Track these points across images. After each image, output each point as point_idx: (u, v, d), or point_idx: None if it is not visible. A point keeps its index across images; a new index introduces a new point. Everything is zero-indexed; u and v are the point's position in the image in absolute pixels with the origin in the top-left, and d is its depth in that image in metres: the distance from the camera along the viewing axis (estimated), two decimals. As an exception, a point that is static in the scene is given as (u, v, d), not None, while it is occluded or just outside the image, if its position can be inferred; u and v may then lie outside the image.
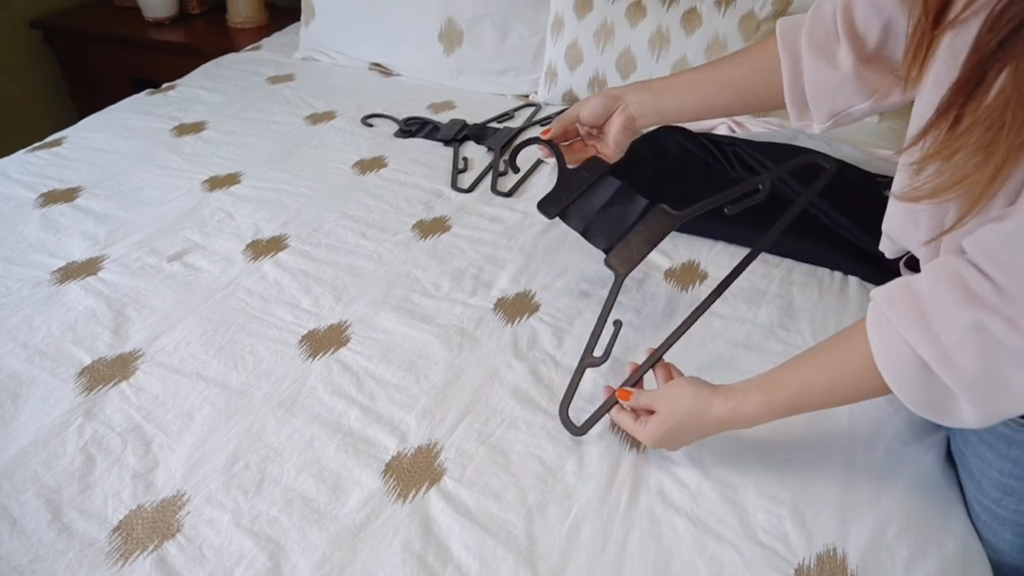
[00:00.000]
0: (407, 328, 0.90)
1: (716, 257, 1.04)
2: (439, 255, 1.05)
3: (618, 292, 0.77)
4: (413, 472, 0.72)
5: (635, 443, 0.75)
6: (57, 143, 1.34)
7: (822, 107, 0.77)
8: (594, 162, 0.82)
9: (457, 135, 1.37)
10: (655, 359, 0.77)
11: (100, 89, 2.05)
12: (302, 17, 1.74)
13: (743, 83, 0.82)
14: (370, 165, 1.28)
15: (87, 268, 1.01)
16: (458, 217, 1.14)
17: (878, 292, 0.59)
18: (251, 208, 1.15)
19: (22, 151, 1.32)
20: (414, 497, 0.70)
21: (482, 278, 1.00)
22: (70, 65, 2.12)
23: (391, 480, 0.71)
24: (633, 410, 0.73)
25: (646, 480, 0.72)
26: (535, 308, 0.95)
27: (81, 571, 0.64)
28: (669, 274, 1.01)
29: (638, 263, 0.77)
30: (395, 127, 1.42)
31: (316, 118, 1.45)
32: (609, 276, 0.82)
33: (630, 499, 0.70)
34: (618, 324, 0.77)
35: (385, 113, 1.46)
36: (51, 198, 1.17)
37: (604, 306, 0.77)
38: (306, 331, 0.90)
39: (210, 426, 0.77)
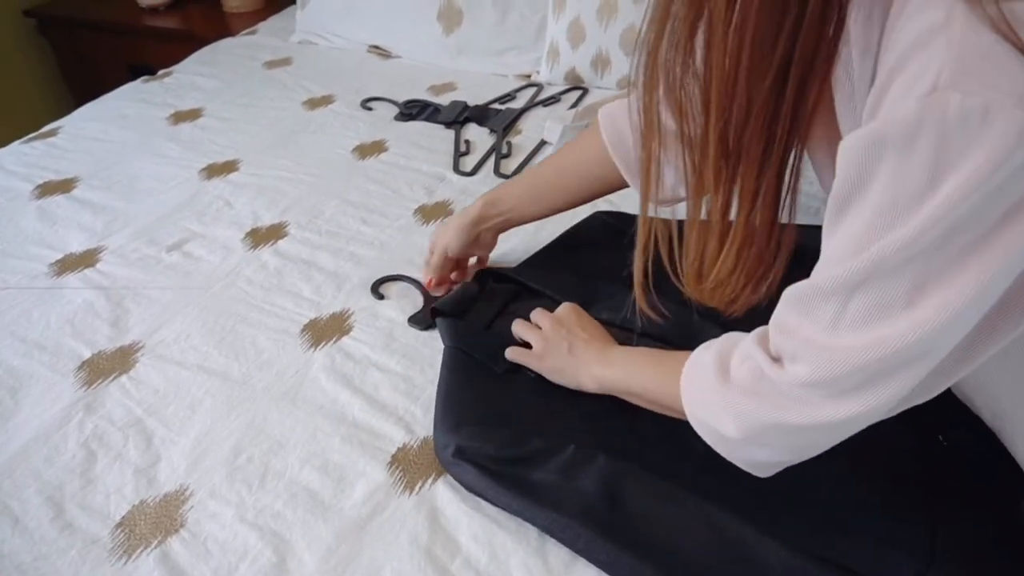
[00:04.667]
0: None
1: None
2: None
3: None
4: (420, 463, 0.70)
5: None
6: (52, 133, 1.32)
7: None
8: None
9: (458, 117, 1.34)
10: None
11: (96, 77, 2.02)
12: (298, -1, 1.72)
13: (584, 187, 0.86)
14: (370, 150, 1.26)
15: (85, 260, 1.00)
16: (461, 201, 1.12)
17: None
18: (250, 196, 1.14)
19: (17, 142, 1.30)
20: (421, 489, 0.68)
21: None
22: (64, 53, 2.10)
23: (397, 472, 0.70)
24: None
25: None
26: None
27: (84, 568, 0.63)
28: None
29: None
30: (395, 110, 1.39)
31: (314, 103, 1.42)
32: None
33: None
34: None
35: (384, 96, 1.43)
36: (47, 189, 1.16)
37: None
38: (307, 320, 0.89)
39: (212, 419, 0.76)
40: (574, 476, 0.65)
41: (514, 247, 0.99)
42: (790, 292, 0.49)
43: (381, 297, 0.93)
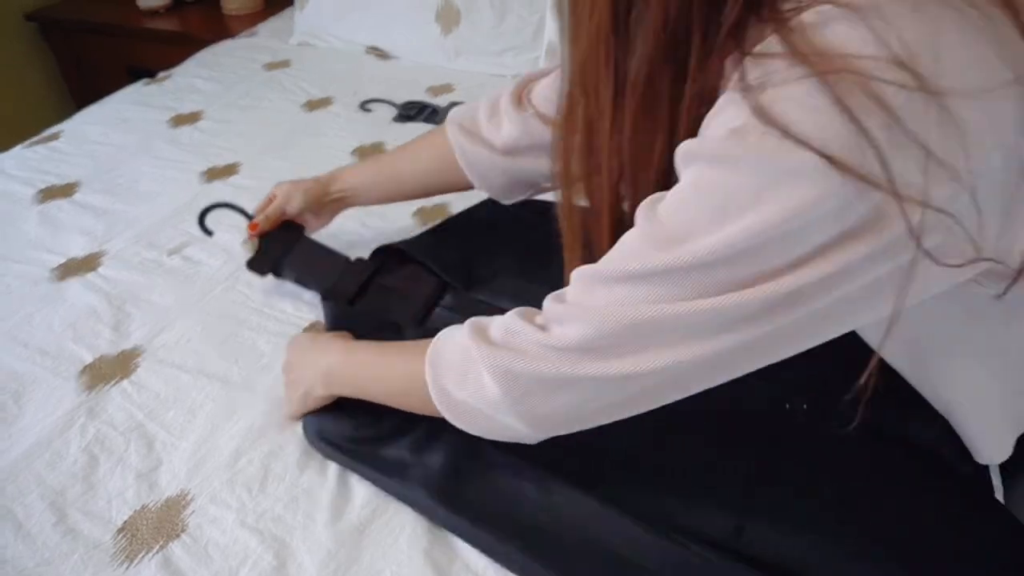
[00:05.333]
0: (410, 318, 0.89)
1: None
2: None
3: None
4: (418, 466, 0.71)
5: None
6: (54, 137, 1.33)
7: (515, 192, 0.86)
8: (288, 224, 0.93)
9: (457, 118, 1.34)
10: None
11: (96, 80, 2.03)
12: (296, 1, 1.72)
13: (428, 184, 0.91)
14: (369, 151, 1.26)
15: (86, 264, 1.00)
16: (459, 203, 1.11)
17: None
18: (250, 198, 1.12)
19: (19, 146, 1.31)
20: (420, 492, 0.69)
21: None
22: (65, 57, 2.10)
23: (396, 475, 0.70)
24: None
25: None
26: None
27: (87, 573, 0.63)
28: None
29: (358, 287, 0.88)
30: (394, 112, 1.39)
31: (313, 104, 1.43)
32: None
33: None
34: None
35: (383, 98, 1.43)
36: (49, 194, 1.16)
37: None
38: (308, 323, 0.89)
39: (213, 423, 0.77)
40: (421, 451, 0.68)
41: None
42: (581, 272, 0.51)
43: (210, 233, 0.96)
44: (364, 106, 1.42)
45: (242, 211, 0.95)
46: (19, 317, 0.91)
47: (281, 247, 0.91)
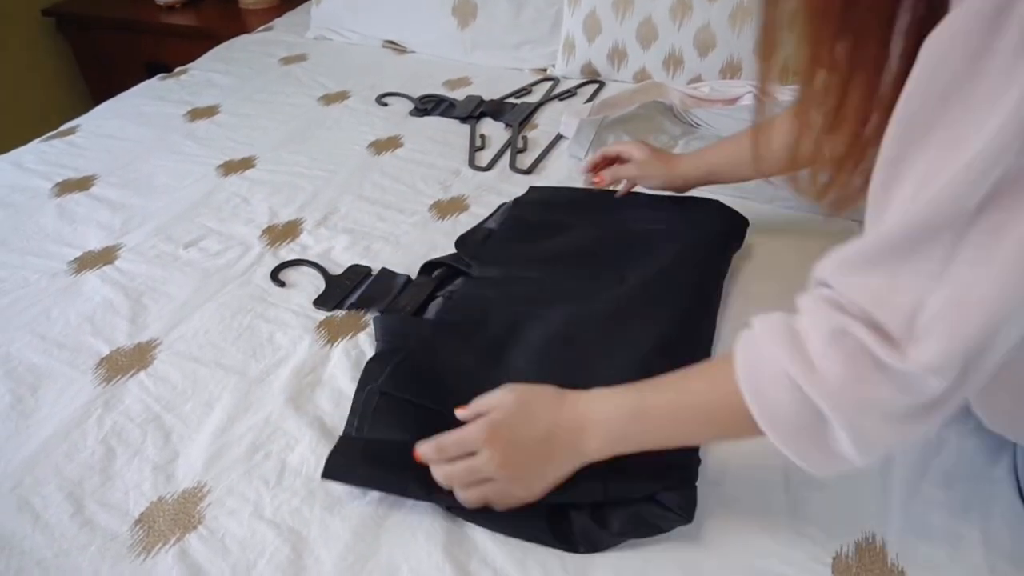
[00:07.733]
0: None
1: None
2: (457, 235, 1.02)
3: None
4: (436, 460, 0.70)
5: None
6: (71, 131, 1.33)
7: None
8: (355, 267, 0.96)
9: (474, 112, 1.34)
10: None
11: (113, 75, 2.04)
12: (313, -5, 1.72)
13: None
14: (386, 145, 1.26)
15: (103, 257, 1.00)
16: (476, 196, 1.11)
17: (757, 317, 0.53)
18: (267, 192, 1.14)
19: (37, 140, 1.31)
20: (438, 486, 0.68)
21: (502, 259, 0.97)
22: (82, 52, 2.12)
23: (414, 469, 0.69)
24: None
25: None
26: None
27: (105, 565, 0.63)
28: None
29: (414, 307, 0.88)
30: (410, 105, 1.39)
31: (330, 98, 1.42)
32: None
33: (660, 485, 0.68)
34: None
35: (400, 91, 1.43)
36: (66, 187, 1.16)
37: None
38: (324, 316, 0.89)
39: (229, 415, 0.76)
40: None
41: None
42: (857, 249, 0.44)
43: (282, 284, 0.94)
44: (380, 100, 1.41)
45: (312, 264, 0.97)
46: (37, 310, 0.91)
47: (348, 285, 0.93)
